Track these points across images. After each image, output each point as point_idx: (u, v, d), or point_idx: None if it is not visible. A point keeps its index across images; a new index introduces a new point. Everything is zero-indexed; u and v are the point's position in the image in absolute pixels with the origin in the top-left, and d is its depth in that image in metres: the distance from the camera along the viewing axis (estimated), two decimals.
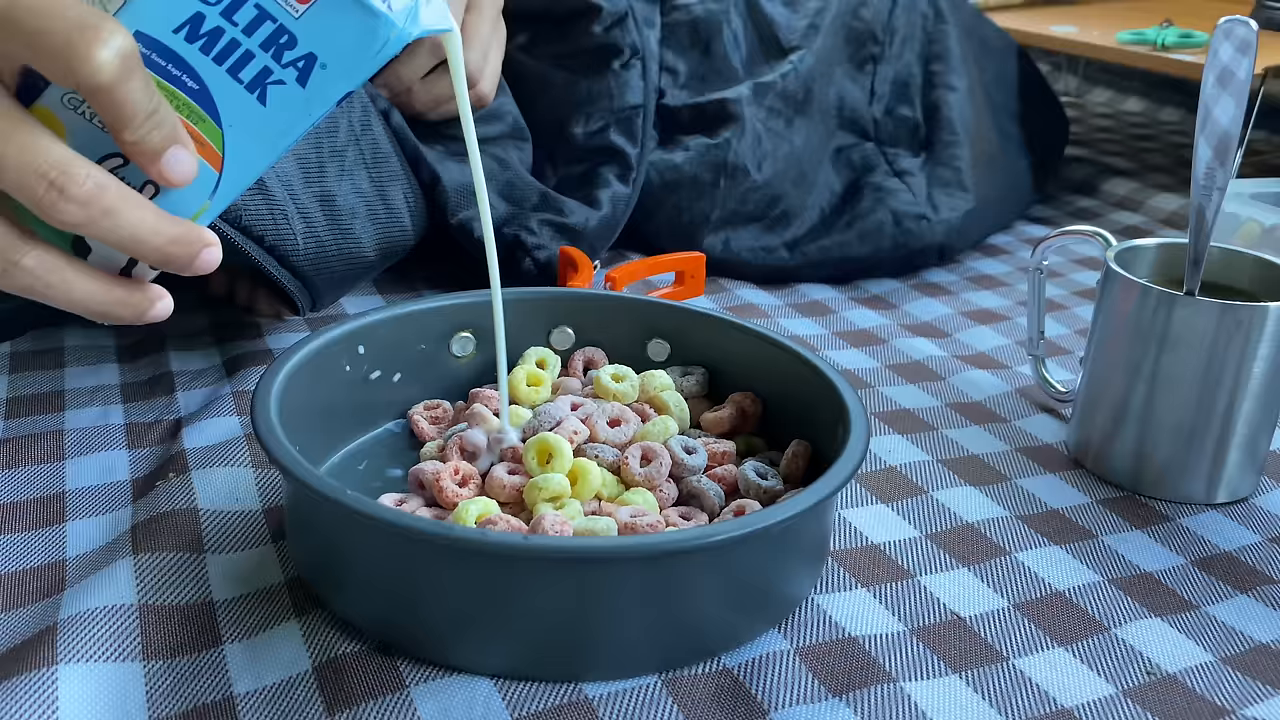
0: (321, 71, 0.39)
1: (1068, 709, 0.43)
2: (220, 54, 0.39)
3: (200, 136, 0.40)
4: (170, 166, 0.38)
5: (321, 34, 0.39)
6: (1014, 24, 1.25)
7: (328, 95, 0.40)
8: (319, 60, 0.39)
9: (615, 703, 0.42)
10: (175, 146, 0.38)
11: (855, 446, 0.47)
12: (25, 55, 0.36)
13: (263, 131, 0.40)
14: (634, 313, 0.63)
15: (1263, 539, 0.56)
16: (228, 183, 0.41)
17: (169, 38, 0.38)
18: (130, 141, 0.37)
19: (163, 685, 0.42)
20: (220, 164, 0.40)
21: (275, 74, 0.39)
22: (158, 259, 0.39)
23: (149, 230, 0.38)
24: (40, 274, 0.38)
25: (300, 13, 0.38)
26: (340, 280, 0.69)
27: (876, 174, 0.94)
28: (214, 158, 0.40)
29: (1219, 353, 0.55)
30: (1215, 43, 0.54)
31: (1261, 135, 1.43)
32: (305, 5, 0.38)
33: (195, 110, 0.39)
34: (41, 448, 0.58)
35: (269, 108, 0.40)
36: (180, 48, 0.39)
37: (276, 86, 0.39)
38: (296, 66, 0.39)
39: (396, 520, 0.40)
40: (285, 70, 0.39)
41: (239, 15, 0.38)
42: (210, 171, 0.40)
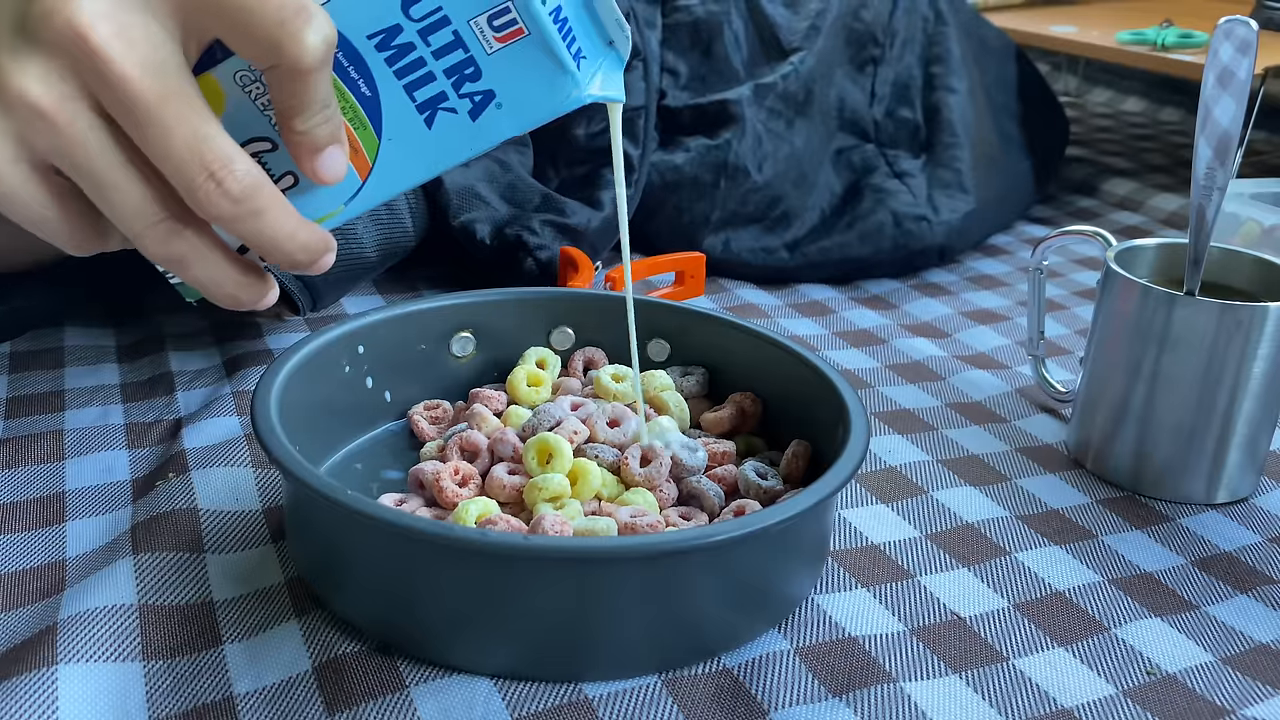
0: (495, 110, 0.40)
1: (1068, 709, 0.43)
2: (403, 69, 0.39)
3: (356, 142, 0.40)
4: (325, 165, 0.38)
5: (507, 75, 0.39)
6: (1014, 24, 1.25)
7: (494, 134, 0.40)
8: (497, 99, 0.39)
9: (615, 703, 0.42)
10: (335, 146, 0.38)
11: (855, 447, 0.47)
12: (226, 29, 0.35)
13: (419, 153, 0.40)
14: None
15: (1263, 539, 0.56)
16: (367, 192, 0.41)
17: (360, 40, 0.38)
18: (299, 131, 0.37)
19: (163, 685, 0.42)
20: (367, 173, 0.40)
21: (450, 101, 0.39)
22: (283, 260, 0.38)
23: (287, 234, 0.37)
24: (195, 245, 0.37)
25: (494, 49, 0.38)
26: (341, 281, 0.69)
27: (877, 175, 0.94)
28: (363, 166, 0.40)
29: (1219, 353, 0.55)
30: (1215, 43, 0.54)
31: (1261, 135, 1.43)
32: (501, 44, 0.38)
33: (359, 115, 0.39)
34: (41, 448, 0.58)
35: (433, 131, 0.40)
36: (367, 53, 0.38)
37: (447, 114, 0.39)
38: (473, 99, 0.39)
39: (396, 520, 0.40)
40: (461, 100, 0.39)
41: (434, 37, 0.38)
42: (355, 178, 0.40)
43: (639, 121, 0.88)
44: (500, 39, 0.38)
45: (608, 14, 0.40)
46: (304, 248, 0.38)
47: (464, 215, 0.79)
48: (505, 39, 0.38)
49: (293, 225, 0.37)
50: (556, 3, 0.39)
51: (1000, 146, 1.02)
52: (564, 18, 0.39)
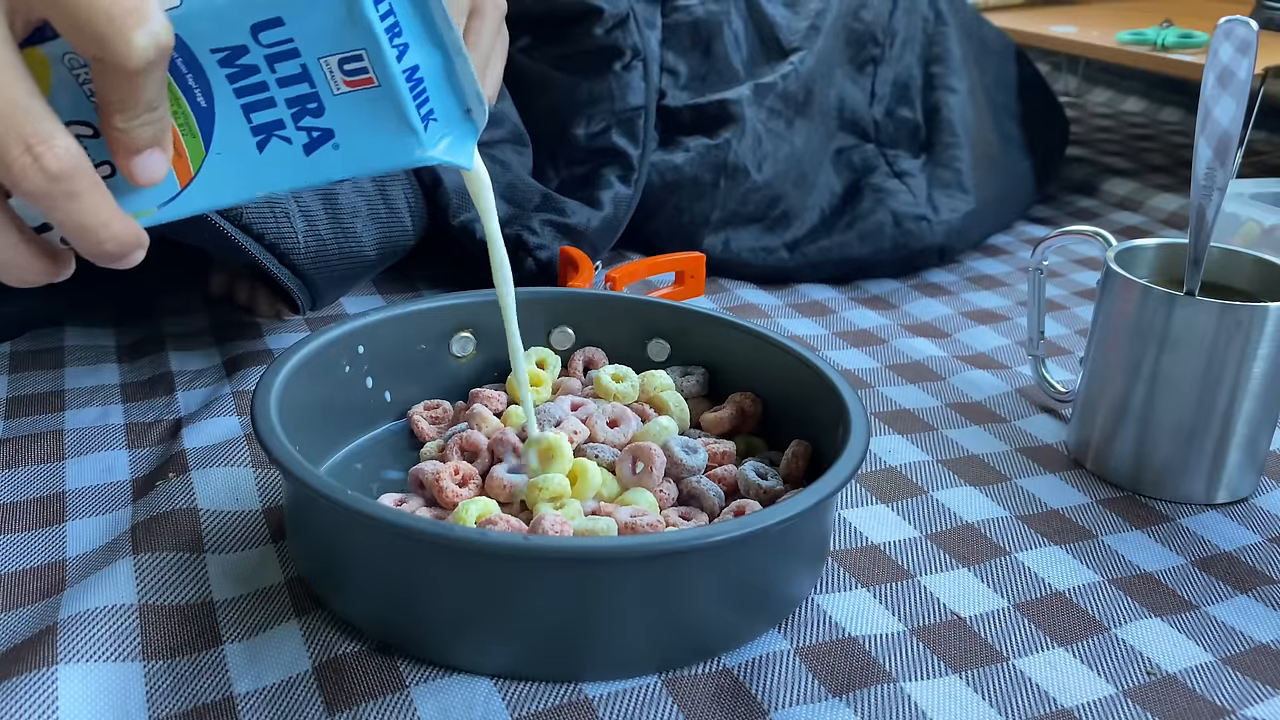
0: (331, 150, 0.39)
1: (1068, 709, 0.43)
2: (244, 89, 0.38)
3: (182, 148, 0.39)
4: (141, 166, 0.37)
5: (350, 119, 0.38)
6: (1014, 24, 1.25)
7: (325, 172, 0.39)
8: (335, 139, 0.39)
9: (615, 703, 0.42)
10: (155, 150, 0.37)
11: (855, 447, 0.47)
12: (54, 12, 0.34)
13: (244, 173, 0.39)
14: (634, 313, 0.63)
15: (1263, 539, 0.56)
16: (184, 199, 0.40)
17: (203, 52, 0.37)
18: (118, 128, 0.36)
19: (163, 685, 0.42)
20: (188, 181, 0.39)
21: (286, 130, 0.39)
22: (91, 249, 0.37)
23: (100, 223, 0.36)
24: None
25: (340, 91, 0.38)
26: (340, 279, 0.69)
27: (877, 175, 0.94)
28: (184, 173, 0.39)
29: (1219, 353, 0.55)
30: (1215, 43, 0.54)
31: (1261, 135, 1.43)
32: (349, 89, 0.38)
33: (190, 124, 0.38)
34: (41, 448, 0.58)
35: (263, 155, 0.39)
36: (209, 66, 0.38)
37: (281, 142, 0.39)
38: (310, 134, 0.39)
39: (396, 520, 0.40)
40: (298, 132, 0.39)
41: (281, 66, 0.38)
42: (173, 183, 0.39)
43: (638, 121, 0.88)
44: (349, 83, 0.38)
45: (468, 84, 0.40)
46: (115, 238, 0.37)
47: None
48: (354, 84, 0.38)
49: (107, 214, 0.36)
50: (414, 62, 0.38)
51: (1000, 146, 1.02)
52: (419, 78, 0.39)
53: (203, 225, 0.59)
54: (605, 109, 0.88)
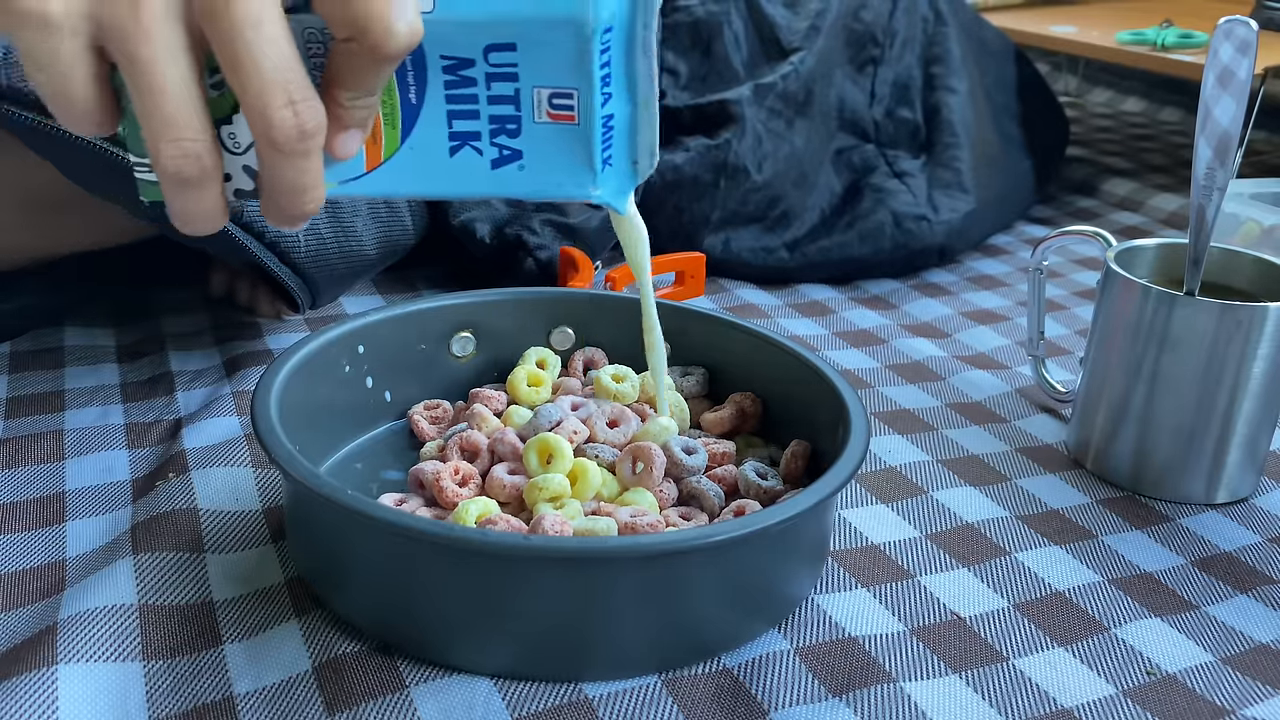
0: (516, 170, 0.41)
1: (1068, 709, 0.43)
2: (456, 97, 0.40)
3: (379, 134, 0.40)
4: (342, 141, 0.38)
5: (542, 146, 0.41)
6: (1013, 24, 1.25)
7: (504, 188, 0.42)
8: (522, 160, 0.41)
9: (615, 703, 0.42)
10: (359, 130, 0.38)
11: (855, 447, 0.47)
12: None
13: (428, 172, 0.41)
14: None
15: (1263, 539, 0.56)
16: (364, 183, 0.41)
17: (433, 55, 0.39)
18: (339, 102, 0.37)
19: (163, 685, 0.42)
20: (374, 167, 0.41)
21: (481, 143, 0.41)
22: (289, 207, 0.38)
23: (312, 184, 0.37)
24: (205, 171, 0.36)
25: (541, 120, 0.40)
26: (340, 278, 0.69)
27: (877, 175, 0.94)
28: (374, 158, 0.41)
29: (1219, 353, 0.55)
30: (1215, 43, 0.54)
31: (1261, 135, 1.43)
32: (550, 120, 0.40)
33: (395, 113, 0.40)
34: (41, 448, 0.58)
35: (451, 160, 0.41)
36: (433, 68, 0.39)
37: (473, 152, 0.41)
38: (502, 151, 0.41)
39: (396, 520, 0.40)
40: (491, 147, 0.41)
41: (497, 85, 0.40)
42: (360, 165, 0.41)
43: None
44: (552, 115, 0.40)
45: (645, 140, 0.43)
46: (314, 202, 0.38)
47: (464, 214, 0.79)
48: (556, 117, 0.40)
49: (319, 178, 0.38)
50: (612, 110, 0.41)
51: (1000, 146, 1.02)
52: (611, 125, 0.41)
53: None
54: None
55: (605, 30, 0.39)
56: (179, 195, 0.37)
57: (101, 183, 0.57)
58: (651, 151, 0.44)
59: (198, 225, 0.38)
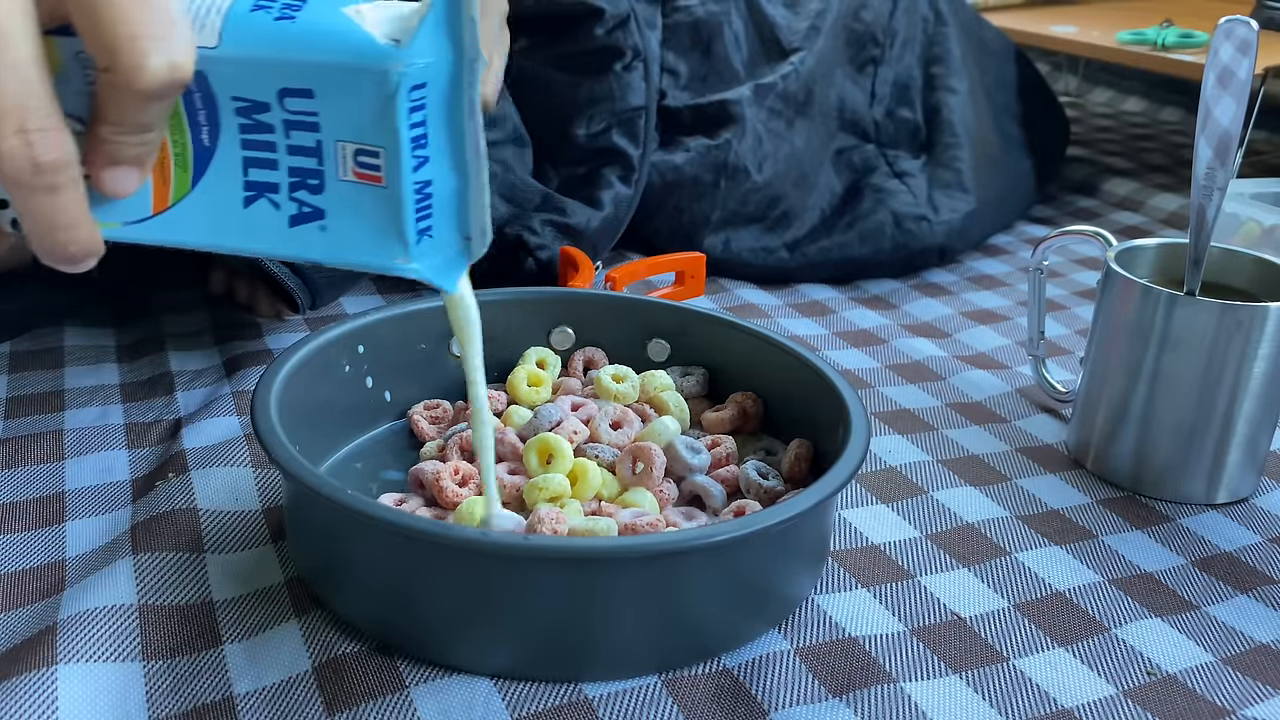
0: (317, 230, 0.38)
1: (1068, 709, 0.43)
2: (252, 143, 0.37)
3: (168, 174, 0.38)
4: (112, 178, 0.36)
5: (346, 208, 0.37)
6: (1014, 24, 1.25)
7: (301, 249, 0.38)
8: (324, 221, 0.38)
9: (615, 703, 0.42)
10: (134, 169, 0.36)
11: (855, 447, 0.47)
12: (78, 14, 0.33)
13: (220, 222, 0.38)
14: (634, 313, 0.63)
15: (1263, 539, 0.56)
16: (151, 227, 0.38)
17: (224, 96, 0.36)
18: (104, 139, 0.35)
19: (163, 685, 0.42)
20: (161, 209, 0.38)
21: (279, 196, 0.38)
22: (48, 247, 0.35)
23: (67, 222, 0.35)
24: None
25: (346, 178, 0.37)
26: (340, 278, 0.69)
27: (877, 175, 0.94)
28: (161, 200, 0.38)
29: (1219, 353, 0.55)
30: (1215, 43, 0.54)
31: (1261, 135, 1.43)
32: (355, 179, 0.37)
33: (186, 156, 0.37)
34: (41, 448, 0.58)
35: (246, 212, 0.38)
36: (225, 110, 0.37)
37: (269, 205, 0.38)
38: (301, 208, 0.38)
39: (396, 520, 0.40)
40: (290, 202, 0.38)
41: (297, 135, 0.37)
42: (146, 206, 0.38)
43: (639, 121, 0.88)
44: (358, 174, 0.37)
45: (477, 215, 0.39)
46: (78, 242, 0.35)
47: None
48: (362, 177, 0.37)
49: (77, 217, 0.35)
50: (429, 177, 0.37)
51: (1000, 146, 1.02)
52: (429, 193, 0.38)
53: None
54: (606, 109, 0.88)
55: (416, 86, 0.36)
56: None
57: None
58: (484, 230, 0.39)
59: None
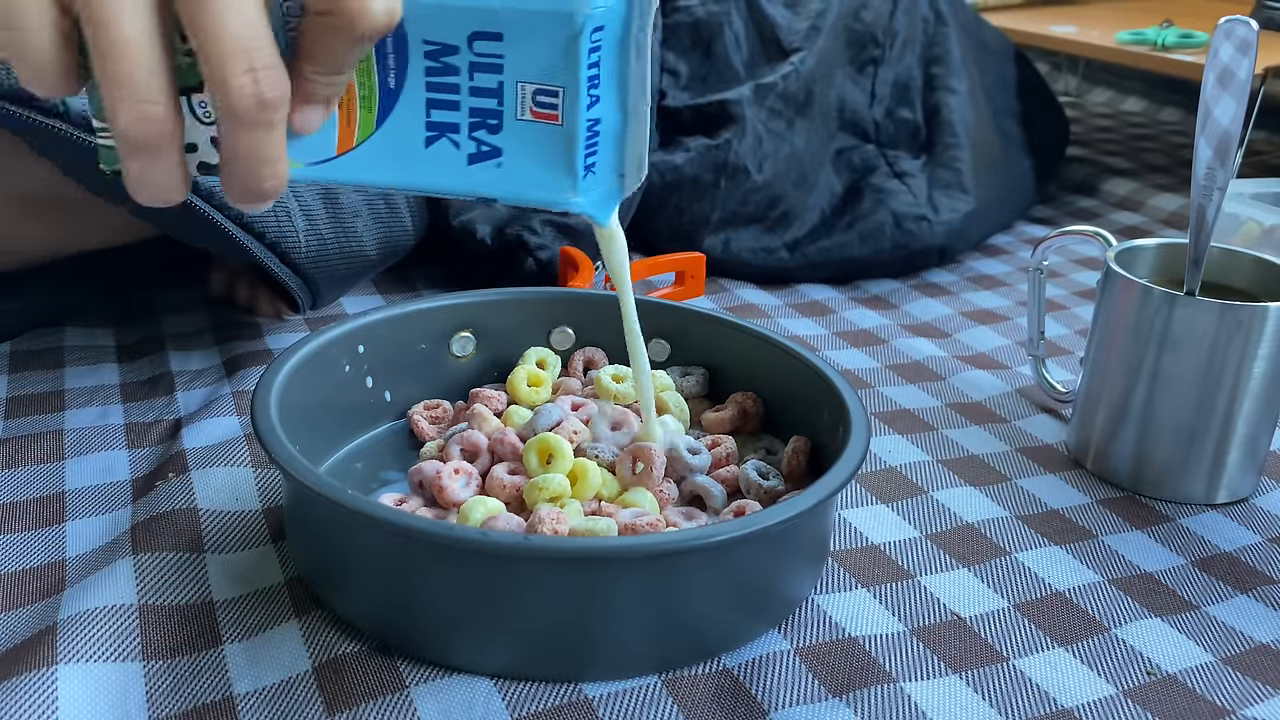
0: (493, 168, 0.40)
1: (1068, 709, 0.43)
2: (437, 85, 0.38)
3: (354, 117, 0.39)
4: (302, 116, 0.37)
5: (522, 145, 0.39)
6: (1013, 24, 1.25)
7: (477, 186, 0.40)
8: (500, 159, 0.39)
9: (615, 703, 0.42)
10: (322, 108, 0.37)
11: (855, 447, 0.47)
12: None
13: (401, 162, 0.40)
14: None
15: (1263, 539, 0.56)
16: (332, 168, 0.40)
17: (415, 40, 0.38)
18: (304, 75, 0.36)
19: (163, 685, 0.42)
20: (344, 151, 0.39)
21: (459, 135, 0.39)
22: (248, 183, 0.36)
23: (273, 158, 0.36)
24: (165, 138, 0.35)
25: (523, 117, 0.39)
26: (341, 278, 0.69)
27: (877, 175, 0.94)
28: (346, 141, 0.39)
29: (1219, 353, 0.55)
30: (1215, 43, 0.54)
31: (1261, 135, 1.43)
32: (533, 118, 0.39)
33: (372, 98, 0.39)
34: (41, 448, 0.58)
35: (426, 152, 0.39)
36: (414, 53, 0.38)
37: (449, 144, 0.39)
38: (480, 147, 0.39)
39: (396, 520, 0.40)
40: (469, 141, 0.39)
41: (481, 77, 0.38)
42: (331, 146, 0.39)
43: None
44: (535, 113, 0.39)
45: (634, 152, 0.41)
46: (276, 178, 0.37)
47: (464, 215, 0.79)
48: (540, 116, 0.39)
49: (280, 153, 0.36)
50: (599, 115, 0.39)
51: (1000, 146, 1.02)
52: (597, 131, 0.40)
53: (205, 223, 0.59)
54: None
55: (596, 29, 0.38)
56: (135, 160, 0.36)
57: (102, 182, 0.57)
58: (640, 165, 0.42)
59: (154, 194, 0.37)
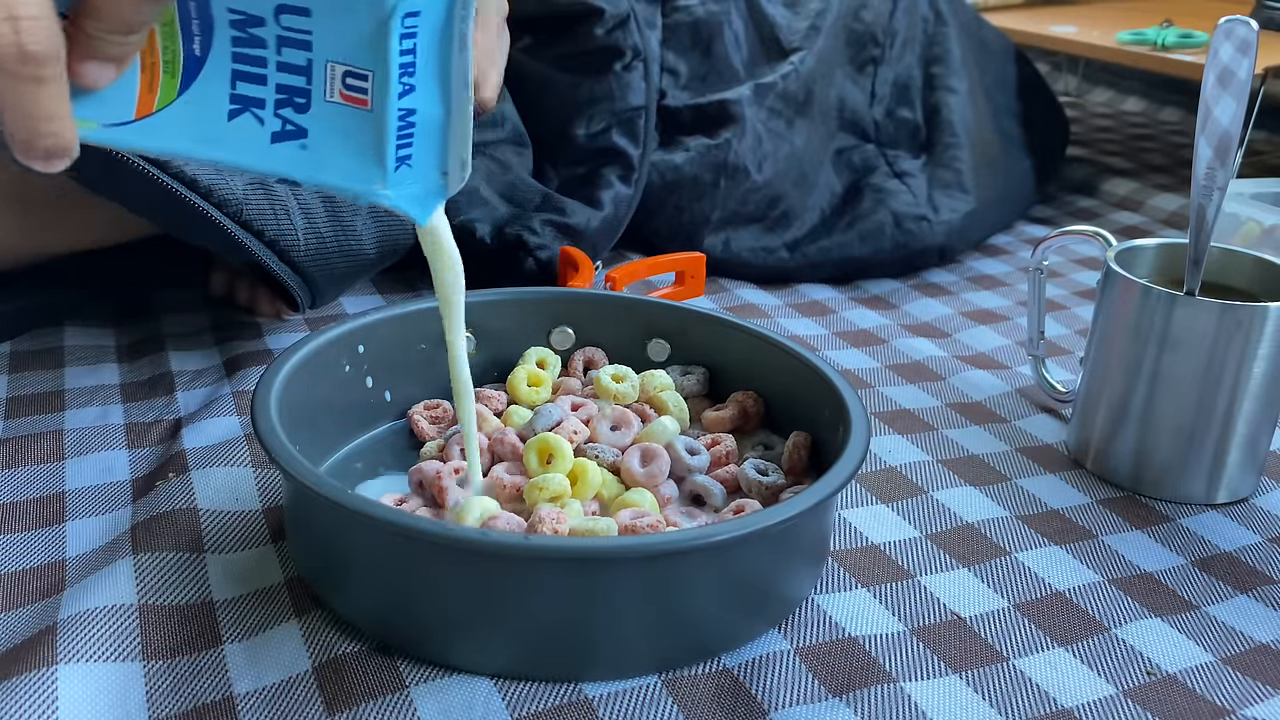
0: (297, 148, 0.38)
1: (1068, 709, 0.43)
2: (243, 57, 0.37)
3: (156, 82, 0.37)
4: (88, 71, 0.35)
5: (329, 128, 0.38)
6: (1014, 24, 1.25)
7: (280, 165, 0.39)
8: (305, 140, 0.38)
9: (615, 703, 0.42)
10: (109, 66, 0.35)
11: (855, 447, 0.47)
12: None
13: (201, 132, 0.38)
14: (634, 313, 0.63)
15: (1263, 539, 0.56)
16: (131, 132, 0.38)
17: (220, 9, 0.37)
18: (90, 34, 0.34)
19: (163, 685, 0.42)
20: (144, 115, 0.38)
21: (264, 111, 0.38)
22: (25, 139, 0.34)
23: (48, 115, 0.34)
24: None
25: (332, 98, 0.38)
26: (340, 277, 0.69)
27: (877, 175, 0.94)
28: (145, 106, 0.38)
29: (1219, 353, 0.55)
30: (1215, 43, 0.54)
31: (1261, 135, 1.43)
32: (341, 101, 0.38)
33: (176, 64, 0.37)
34: (41, 448, 0.58)
35: (228, 125, 0.38)
36: (220, 22, 0.37)
37: (253, 120, 0.38)
38: (285, 125, 0.38)
39: (396, 520, 0.40)
40: (274, 118, 0.38)
41: (288, 52, 0.37)
42: (129, 109, 0.38)
43: (639, 121, 0.88)
44: (344, 95, 0.37)
45: (456, 149, 0.40)
46: (55, 136, 0.35)
47: (464, 214, 0.79)
48: (348, 99, 0.37)
49: (58, 109, 0.34)
50: (413, 105, 0.38)
51: (1000, 146, 1.02)
52: (412, 121, 0.38)
53: (204, 222, 0.59)
54: (605, 109, 0.88)
55: (411, 14, 0.36)
56: None
57: (101, 180, 0.57)
58: (463, 164, 0.40)
59: None
